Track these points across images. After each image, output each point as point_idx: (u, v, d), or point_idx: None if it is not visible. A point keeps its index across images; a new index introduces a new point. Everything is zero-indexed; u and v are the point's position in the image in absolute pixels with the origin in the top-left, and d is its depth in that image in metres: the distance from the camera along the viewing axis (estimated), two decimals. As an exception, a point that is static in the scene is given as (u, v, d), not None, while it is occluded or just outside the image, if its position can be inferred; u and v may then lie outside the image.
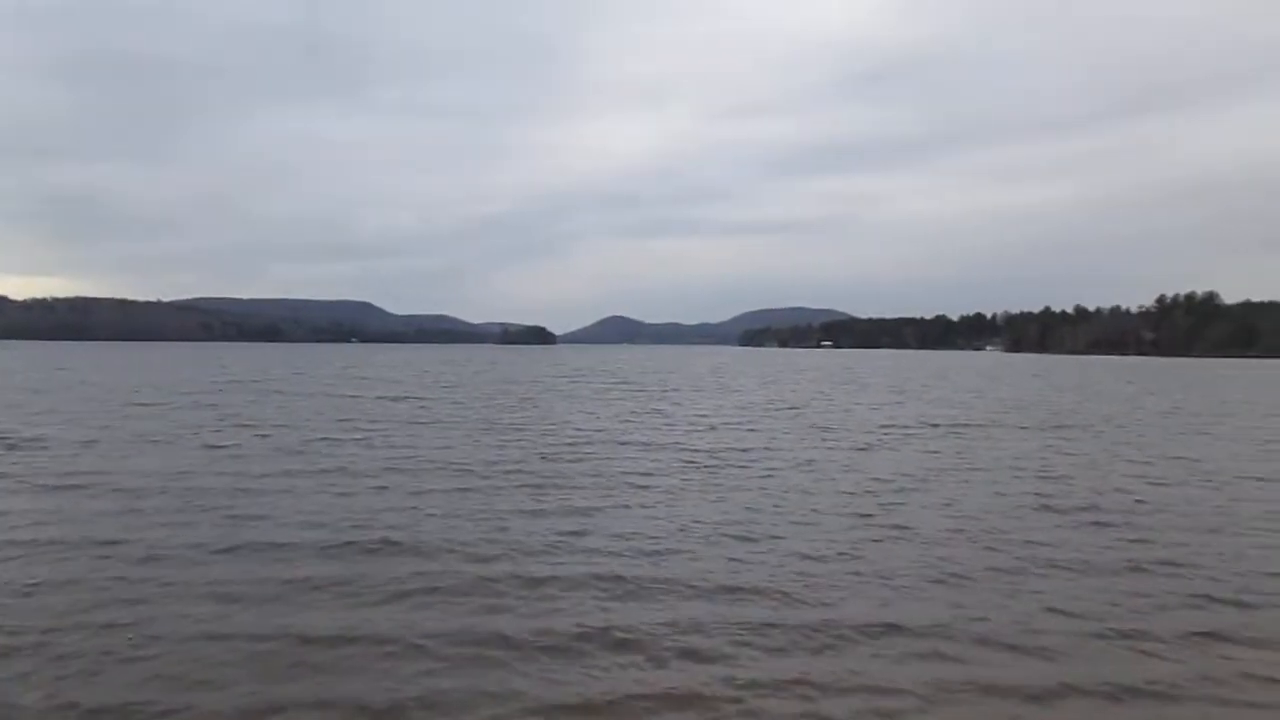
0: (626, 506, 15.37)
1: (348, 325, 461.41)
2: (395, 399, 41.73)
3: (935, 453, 23.60)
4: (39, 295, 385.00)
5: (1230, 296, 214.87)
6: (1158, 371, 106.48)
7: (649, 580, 10.77)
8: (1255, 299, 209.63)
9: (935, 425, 31.30)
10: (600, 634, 8.99)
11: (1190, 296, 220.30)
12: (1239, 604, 10.38)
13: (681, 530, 13.56)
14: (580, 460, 21.02)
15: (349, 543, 12.29)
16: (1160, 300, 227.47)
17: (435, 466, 19.45)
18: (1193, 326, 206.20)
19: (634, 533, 13.28)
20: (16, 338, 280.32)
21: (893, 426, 30.76)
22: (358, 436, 25.07)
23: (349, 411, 33.91)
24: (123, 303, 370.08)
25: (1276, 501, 17.04)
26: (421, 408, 36.77)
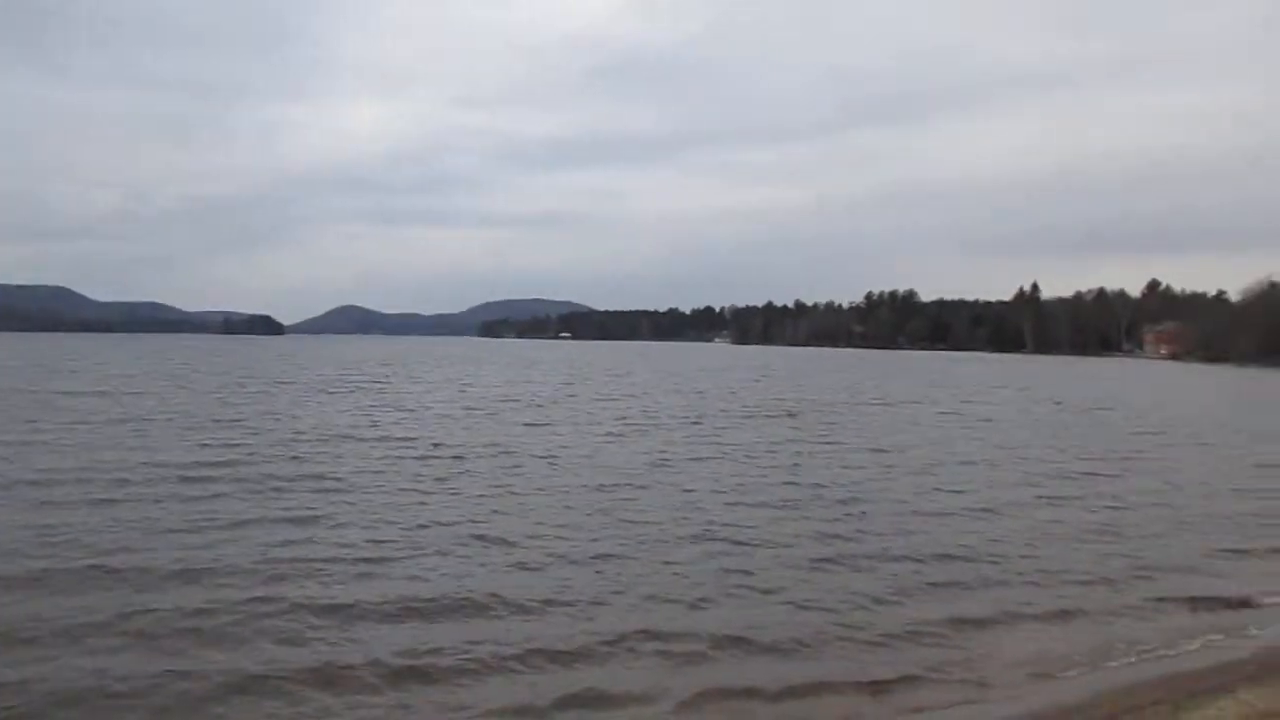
0: (351, 509, 14.20)
1: (44, 313, 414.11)
2: (84, 394, 37.36)
3: (671, 444, 23.86)
4: None
5: (926, 295, 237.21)
6: (871, 361, 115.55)
7: (372, 598, 9.81)
8: (947, 298, 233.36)
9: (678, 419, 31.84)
10: (314, 672, 7.92)
11: (894, 294, 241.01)
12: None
13: (412, 534, 12.65)
14: (301, 460, 19.43)
15: None
16: (868, 297, 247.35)
17: (119, 473, 17.12)
18: (896, 322, 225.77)
19: (361, 540, 12.21)
20: None
21: (627, 420, 30.99)
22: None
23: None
24: None
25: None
26: (116, 404, 33.07)
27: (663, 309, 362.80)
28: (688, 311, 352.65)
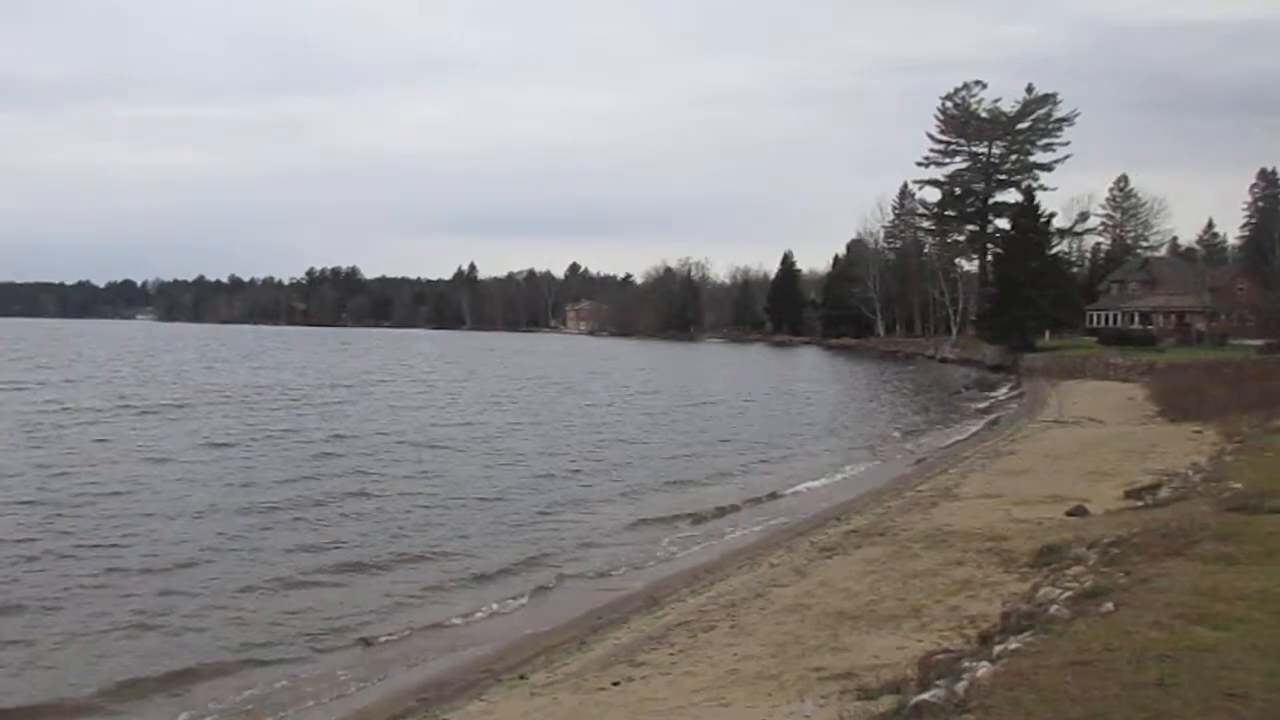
0: None
1: None
2: None
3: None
4: None
5: (370, 273, 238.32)
6: (308, 336, 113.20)
7: None
8: (390, 275, 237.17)
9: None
10: None
11: (336, 271, 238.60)
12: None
13: None
14: None
15: None
16: (310, 273, 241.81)
17: None
18: (339, 299, 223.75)
19: None
20: None
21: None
22: None
23: None
24: None
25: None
26: None
27: (70, 281, 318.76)
28: (102, 285, 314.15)
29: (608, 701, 6.87)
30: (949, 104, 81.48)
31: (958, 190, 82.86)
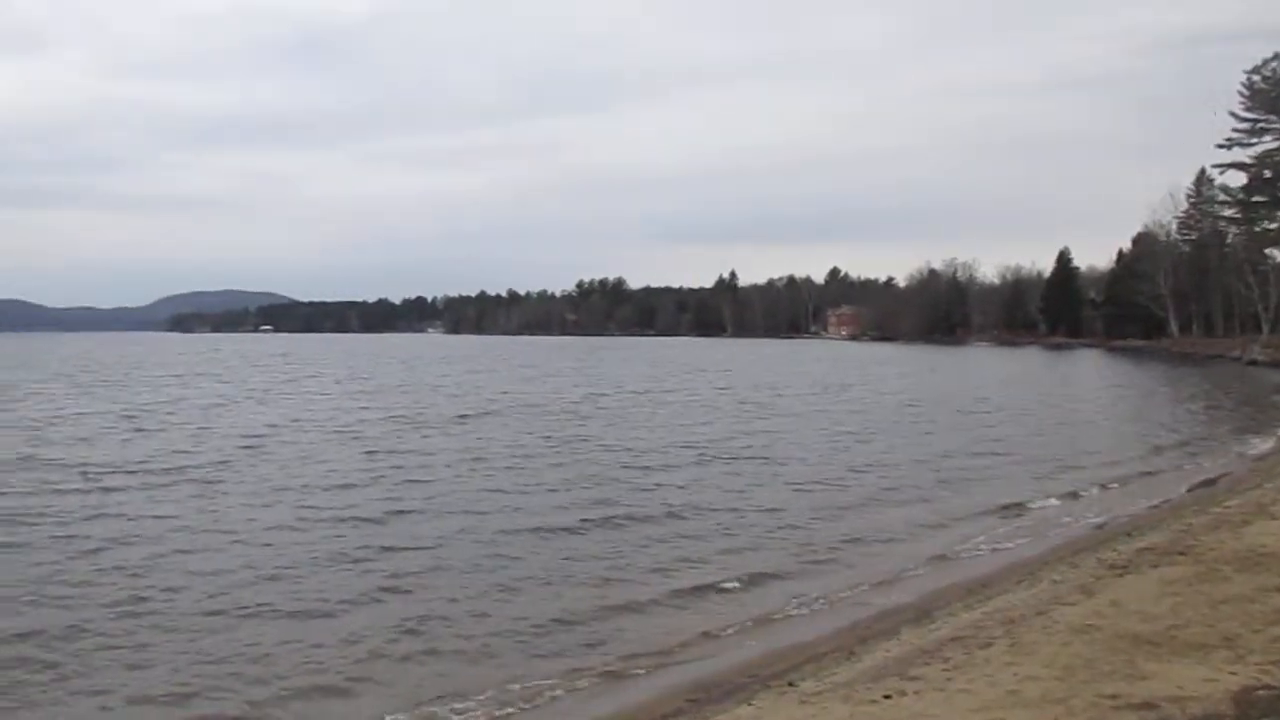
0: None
1: None
2: None
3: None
4: None
5: (635, 283, 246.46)
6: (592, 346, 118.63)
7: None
8: (653, 285, 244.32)
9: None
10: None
11: (604, 282, 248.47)
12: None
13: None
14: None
15: None
16: (580, 285, 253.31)
17: None
18: (606, 309, 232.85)
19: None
20: None
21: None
22: None
23: None
24: None
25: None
26: None
27: (371, 299, 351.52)
28: (398, 301, 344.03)
29: (879, 715, 6.68)
30: (1257, 77, 73.22)
31: (1267, 173, 74.16)
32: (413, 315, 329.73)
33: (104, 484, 17.13)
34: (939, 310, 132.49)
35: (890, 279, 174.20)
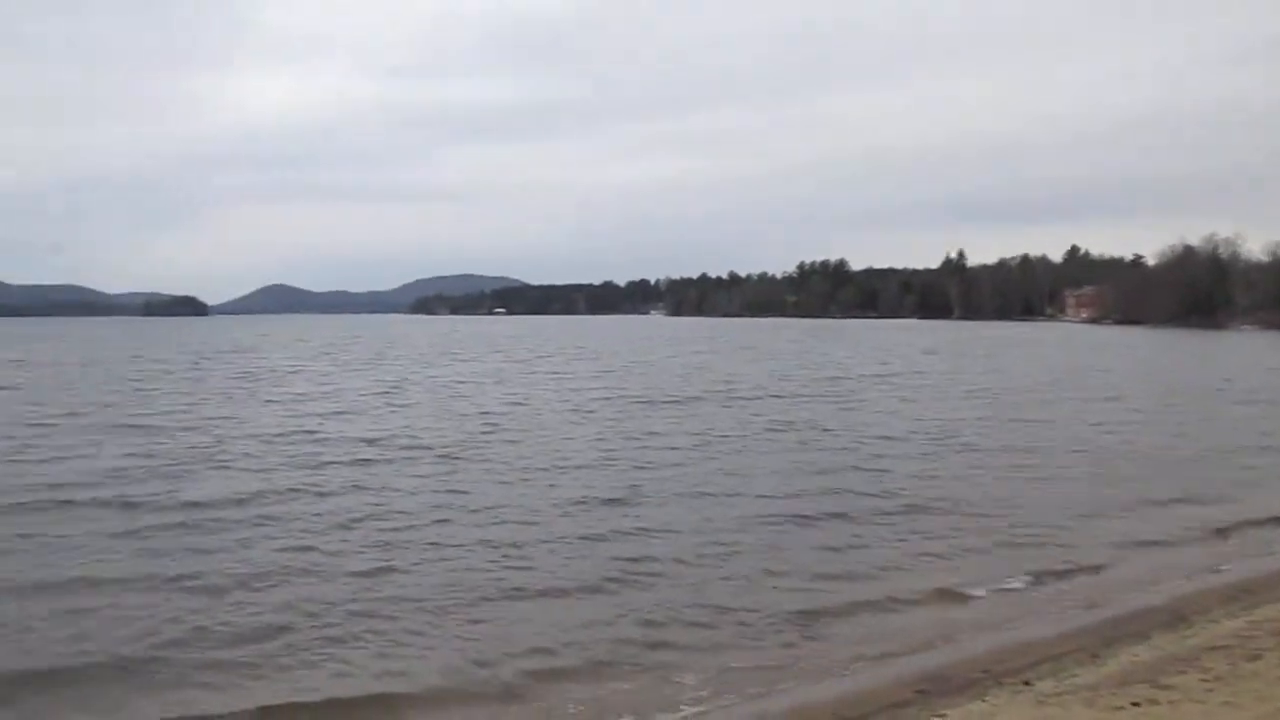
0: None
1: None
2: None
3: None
4: None
5: (857, 265, 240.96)
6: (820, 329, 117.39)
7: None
8: (876, 266, 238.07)
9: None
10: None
11: (825, 264, 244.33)
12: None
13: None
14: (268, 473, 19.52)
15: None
16: (801, 267, 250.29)
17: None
18: (828, 291, 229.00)
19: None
20: None
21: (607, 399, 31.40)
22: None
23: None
24: None
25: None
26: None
27: (597, 282, 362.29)
28: (622, 284, 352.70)
29: (1128, 722, 6.30)
30: None
31: None
32: (636, 297, 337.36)
33: (359, 456, 18.61)
34: (1196, 291, 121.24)
35: (1138, 258, 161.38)
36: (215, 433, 22.01)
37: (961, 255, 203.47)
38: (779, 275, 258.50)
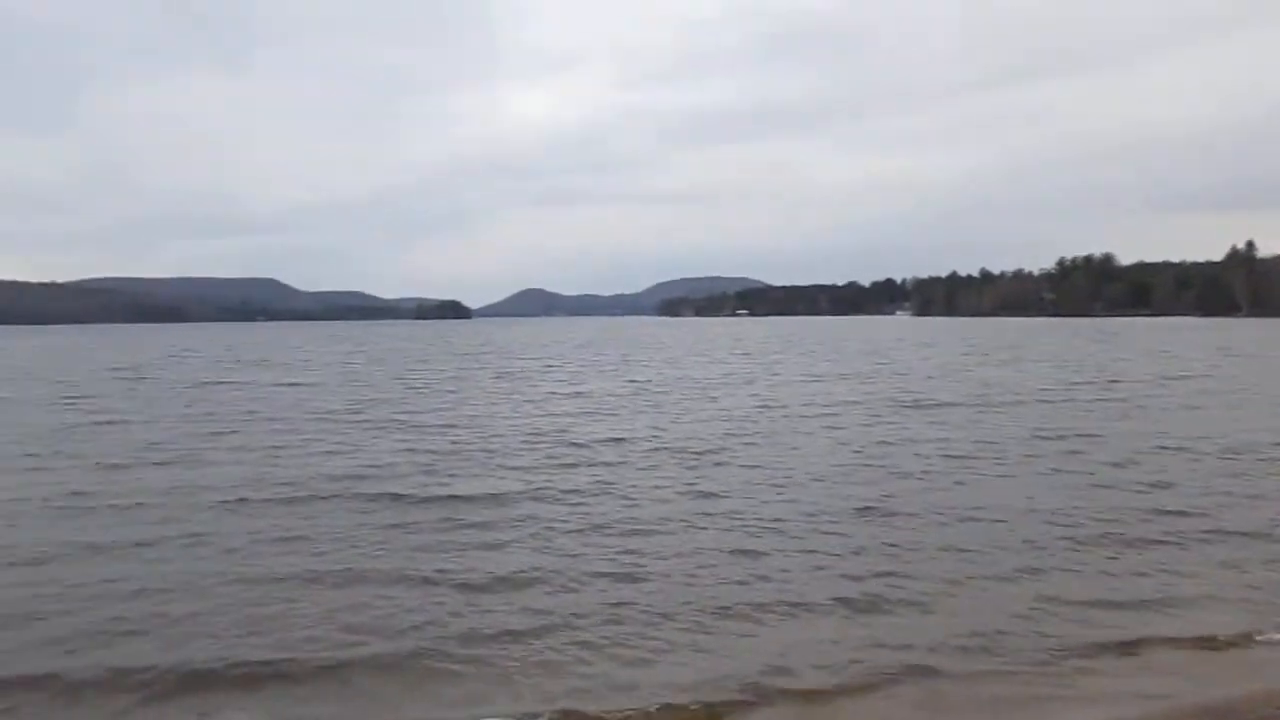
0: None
1: (255, 304, 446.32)
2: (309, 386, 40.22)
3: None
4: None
5: (1125, 258, 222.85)
6: (1111, 331, 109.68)
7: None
8: (1148, 259, 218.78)
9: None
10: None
11: (1089, 259, 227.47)
12: None
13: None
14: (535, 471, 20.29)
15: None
16: (1060, 262, 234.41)
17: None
18: (1091, 287, 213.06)
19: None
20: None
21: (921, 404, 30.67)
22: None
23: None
24: (15, 285, 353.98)
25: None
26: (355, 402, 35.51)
27: (840, 282, 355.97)
28: (867, 284, 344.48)
29: None
30: None
31: None
32: (881, 297, 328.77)
33: (606, 459, 18.86)
34: None
35: None
36: (475, 430, 23.16)
37: (1250, 246, 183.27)
38: (1035, 272, 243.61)
